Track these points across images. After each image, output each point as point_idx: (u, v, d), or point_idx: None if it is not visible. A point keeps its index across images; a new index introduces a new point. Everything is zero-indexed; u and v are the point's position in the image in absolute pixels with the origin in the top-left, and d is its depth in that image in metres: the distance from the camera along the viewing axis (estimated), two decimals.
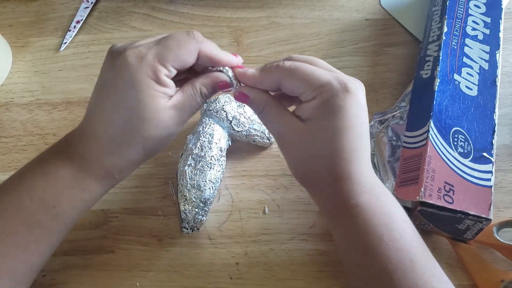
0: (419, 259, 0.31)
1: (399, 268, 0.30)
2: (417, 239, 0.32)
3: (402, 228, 0.32)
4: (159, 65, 0.31)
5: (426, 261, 0.32)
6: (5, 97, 0.53)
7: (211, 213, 0.45)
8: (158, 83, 0.31)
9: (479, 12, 0.48)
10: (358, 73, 0.52)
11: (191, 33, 0.32)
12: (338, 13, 0.56)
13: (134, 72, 0.31)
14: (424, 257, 0.32)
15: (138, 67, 0.31)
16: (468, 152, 0.40)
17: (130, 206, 0.46)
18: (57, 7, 0.58)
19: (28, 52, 0.55)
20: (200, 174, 0.42)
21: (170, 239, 0.44)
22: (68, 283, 0.43)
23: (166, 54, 0.31)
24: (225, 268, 0.43)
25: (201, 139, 0.43)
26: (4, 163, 0.49)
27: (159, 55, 0.31)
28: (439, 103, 0.41)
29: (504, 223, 0.41)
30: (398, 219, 0.32)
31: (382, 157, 0.44)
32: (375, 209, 0.32)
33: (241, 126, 0.45)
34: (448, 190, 0.37)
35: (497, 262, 0.41)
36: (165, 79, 0.31)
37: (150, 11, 0.58)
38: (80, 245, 0.44)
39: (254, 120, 0.45)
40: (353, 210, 0.32)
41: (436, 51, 0.45)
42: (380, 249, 0.31)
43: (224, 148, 0.44)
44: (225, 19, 0.56)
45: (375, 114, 0.48)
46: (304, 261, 0.43)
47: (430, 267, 0.31)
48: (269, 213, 0.45)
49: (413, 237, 0.32)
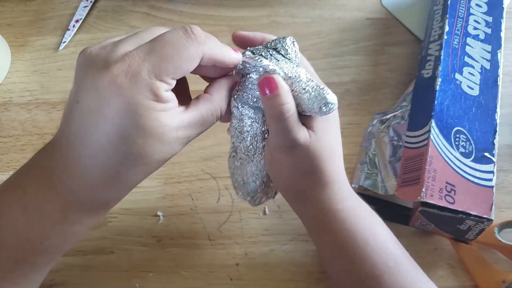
0: (403, 261, 0.32)
1: (386, 271, 0.30)
2: (396, 241, 0.33)
3: (382, 231, 0.33)
4: (157, 81, 0.25)
5: (408, 263, 0.32)
6: (3, 97, 0.52)
7: (211, 214, 0.45)
8: (159, 101, 0.26)
9: (480, 11, 0.48)
10: (359, 73, 0.51)
11: (189, 32, 0.26)
12: (339, 12, 0.56)
13: (128, 97, 0.24)
14: (406, 258, 0.32)
15: (132, 90, 0.24)
16: (469, 152, 0.39)
17: (129, 206, 0.46)
18: (56, 6, 0.58)
19: (27, 52, 0.55)
20: (240, 169, 0.36)
21: (170, 240, 0.44)
22: (67, 283, 0.42)
23: (164, 66, 0.25)
24: (225, 269, 0.42)
25: (232, 128, 0.34)
26: (3, 163, 0.49)
27: (156, 69, 0.25)
28: (441, 102, 0.41)
29: (506, 224, 0.40)
30: (378, 222, 0.33)
31: (383, 157, 0.44)
32: (358, 212, 0.32)
33: None
34: (449, 190, 0.37)
35: (498, 263, 0.41)
36: (165, 95, 0.26)
37: (150, 10, 0.57)
38: (79, 246, 0.44)
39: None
40: (340, 214, 0.32)
41: (438, 51, 0.45)
42: (367, 253, 0.31)
43: (258, 133, 0.34)
44: (225, 18, 0.56)
45: (376, 114, 0.47)
46: (304, 262, 0.42)
47: (412, 268, 0.32)
48: (269, 214, 0.45)
49: (393, 240, 0.33)
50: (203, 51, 0.26)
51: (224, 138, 0.48)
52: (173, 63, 0.25)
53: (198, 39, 0.26)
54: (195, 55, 0.26)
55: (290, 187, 0.33)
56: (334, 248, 0.33)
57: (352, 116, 0.49)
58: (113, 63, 0.25)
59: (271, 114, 0.29)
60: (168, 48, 0.25)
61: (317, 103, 0.29)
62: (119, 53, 0.25)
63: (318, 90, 0.29)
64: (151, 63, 0.25)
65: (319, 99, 0.29)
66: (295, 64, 0.31)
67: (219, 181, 0.46)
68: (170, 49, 0.25)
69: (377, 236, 0.32)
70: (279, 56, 0.31)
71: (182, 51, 0.26)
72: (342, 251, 0.32)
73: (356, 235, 0.31)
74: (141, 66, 0.25)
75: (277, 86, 0.28)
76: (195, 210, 0.45)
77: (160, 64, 0.25)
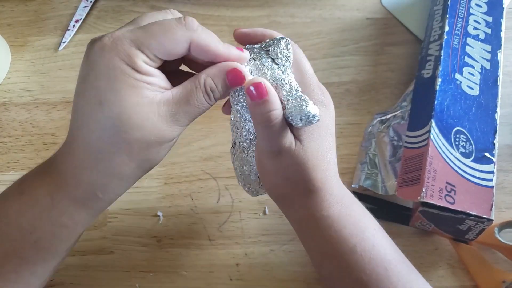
0: (393, 267, 0.31)
1: (374, 278, 0.30)
2: (390, 245, 0.32)
3: (373, 236, 0.32)
4: (135, 49, 0.26)
5: (400, 268, 0.31)
6: (3, 97, 0.52)
7: (211, 214, 0.45)
8: (136, 71, 0.26)
9: (480, 11, 0.48)
10: (359, 73, 0.51)
11: (181, 20, 0.27)
12: (339, 12, 0.56)
13: (107, 58, 0.25)
14: (399, 263, 0.31)
15: (111, 51, 0.25)
16: (469, 152, 0.39)
17: (129, 206, 0.46)
18: (56, 6, 0.58)
19: (27, 52, 0.55)
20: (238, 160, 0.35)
21: (170, 240, 0.44)
22: (67, 283, 0.42)
23: (147, 39, 0.26)
24: (225, 269, 0.42)
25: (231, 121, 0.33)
26: (2, 163, 0.49)
27: (137, 39, 0.26)
28: (441, 102, 0.41)
29: (506, 224, 0.40)
30: (369, 228, 0.32)
31: (383, 157, 0.44)
32: (346, 219, 0.31)
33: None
34: (449, 190, 0.37)
35: (498, 263, 0.41)
36: (144, 65, 0.26)
37: (150, 10, 0.57)
38: (79, 246, 0.44)
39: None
40: (324, 221, 0.31)
41: (438, 51, 0.45)
42: (354, 260, 0.30)
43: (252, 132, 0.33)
44: (225, 18, 0.56)
45: (376, 114, 0.47)
46: (304, 262, 0.42)
47: (405, 273, 0.31)
48: (269, 214, 0.45)
49: (385, 245, 0.32)
50: (191, 37, 0.26)
51: (224, 138, 0.48)
52: (156, 39, 0.26)
53: (188, 26, 0.27)
54: (181, 39, 0.26)
55: (275, 190, 0.33)
56: (319, 253, 0.33)
57: (352, 116, 0.49)
58: (105, 36, 0.26)
59: (258, 120, 0.28)
60: (155, 26, 0.26)
61: (297, 114, 0.28)
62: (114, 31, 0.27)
63: (299, 101, 0.28)
64: (135, 34, 0.26)
65: (298, 111, 0.28)
66: (282, 71, 0.30)
67: (219, 181, 0.46)
68: (156, 28, 0.26)
69: (366, 242, 0.31)
70: (268, 61, 0.30)
71: (168, 31, 0.26)
72: (327, 257, 0.32)
73: (341, 243, 0.31)
74: (125, 34, 0.26)
75: (266, 92, 0.27)
76: (195, 210, 0.45)
77: (142, 36, 0.26)
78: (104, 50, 0.25)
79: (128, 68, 0.25)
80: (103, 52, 0.25)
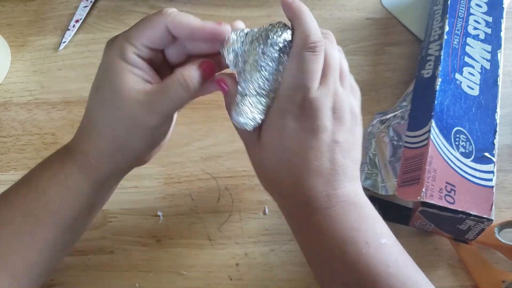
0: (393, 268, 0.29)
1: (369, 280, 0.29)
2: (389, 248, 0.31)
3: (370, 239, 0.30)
4: (126, 43, 0.31)
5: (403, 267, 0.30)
6: (3, 97, 0.52)
7: (211, 214, 0.45)
8: (127, 62, 0.31)
9: (480, 11, 0.48)
10: (359, 73, 0.51)
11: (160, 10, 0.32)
12: (339, 12, 0.56)
13: (107, 54, 0.31)
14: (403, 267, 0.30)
15: (111, 49, 0.31)
16: (469, 152, 0.39)
17: (129, 206, 0.46)
18: (56, 6, 0.58)
19: (27, 52, 0.55)
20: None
21: (170, 240, 0.44)
22: (67, 283, 0.42)
23: (133, 32, 0.31)
24: (225, 269, 0.42)
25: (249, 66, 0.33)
26: (2, 162, 0.49)
27: (128, 35, 0.31)
28: (441, 102, 0.41)
29: (506, 224, 0.40)
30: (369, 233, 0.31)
31: (383, 157, 0.44)
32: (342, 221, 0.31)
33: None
34: (449, 190, 0.37)
35: (498, 263, 0.41)
36: (132, 57, 0.31)
37: (150, 9, 0.57)
38: (79, 246, 0.44)
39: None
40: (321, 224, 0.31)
41: (438, 51, 0.45)
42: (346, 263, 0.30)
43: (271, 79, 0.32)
44: (225, 18, 0.56)
45: (376, 114, 0.47)
46: (304, 262, 0.42)
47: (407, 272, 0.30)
48: (269, 214, 0.45)
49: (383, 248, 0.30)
50: (166, 20, 0.31)
51: (224, 138, 0.48)
52: (139, 29, 0.31)
53: (163, 12, 0.31)
54: (159, 24, 0.31)
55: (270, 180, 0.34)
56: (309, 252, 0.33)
57: None
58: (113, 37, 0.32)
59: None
60: (140, 21, 0.32)
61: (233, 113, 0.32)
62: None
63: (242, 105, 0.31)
64: (126, 32, 0.32)
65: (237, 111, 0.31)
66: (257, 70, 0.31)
67: (219, 181, 0.46)
68: (140, 22, 0.32)
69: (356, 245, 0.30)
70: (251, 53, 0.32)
71: (147, 20, 0.31)
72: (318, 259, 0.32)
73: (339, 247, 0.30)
74: (121, 33, 0.32)
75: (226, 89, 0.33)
76: (195, 210, 0.45)
77: (131, 31, 0.31)
78: (106, 48, 0.32)
79: (120, 61, 0.31)
80: (106, 50, 0.32)
